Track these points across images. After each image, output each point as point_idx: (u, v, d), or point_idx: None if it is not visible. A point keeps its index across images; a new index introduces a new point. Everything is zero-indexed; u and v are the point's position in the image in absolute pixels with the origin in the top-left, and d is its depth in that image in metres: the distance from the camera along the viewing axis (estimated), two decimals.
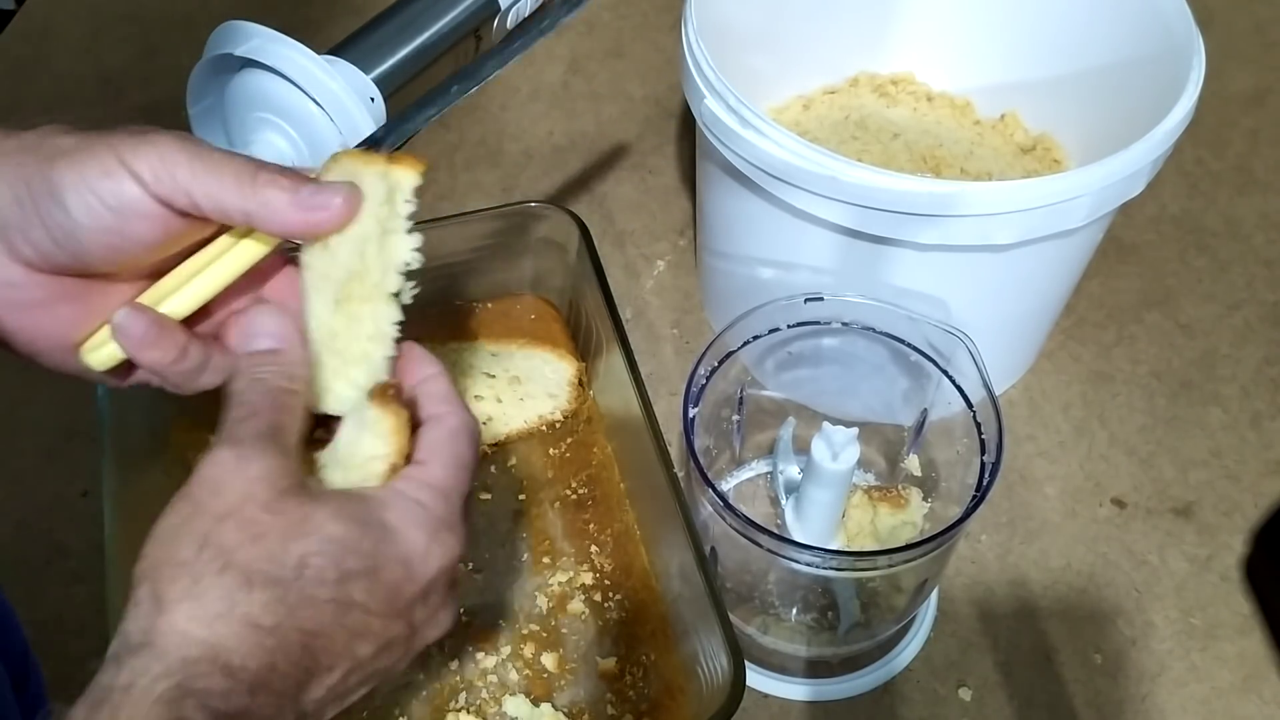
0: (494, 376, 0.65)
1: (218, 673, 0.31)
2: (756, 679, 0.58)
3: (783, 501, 0.58)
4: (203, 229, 0.38)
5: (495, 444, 0.65)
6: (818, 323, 0.57)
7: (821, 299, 0.56)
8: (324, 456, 0.38)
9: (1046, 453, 0.68)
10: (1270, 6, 0.96)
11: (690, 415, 0.52)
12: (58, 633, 0.59)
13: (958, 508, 0.53)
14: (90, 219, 0.35)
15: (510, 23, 0.88)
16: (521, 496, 0.63)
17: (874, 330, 0.57)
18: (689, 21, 0.60)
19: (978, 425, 0.53)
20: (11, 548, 0.62)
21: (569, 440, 0.65)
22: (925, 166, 0.73)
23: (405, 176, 0.38)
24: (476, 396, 0.65)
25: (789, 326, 0.57)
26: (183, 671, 0.30)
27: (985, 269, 0.59)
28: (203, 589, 0.32)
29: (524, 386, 0.65)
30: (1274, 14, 0.96)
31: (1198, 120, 0.59)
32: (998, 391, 0.53)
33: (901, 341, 0.56)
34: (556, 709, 0.54)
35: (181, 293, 0.39)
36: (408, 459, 0.38)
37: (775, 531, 0.50)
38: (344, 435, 0.38)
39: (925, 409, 0.58)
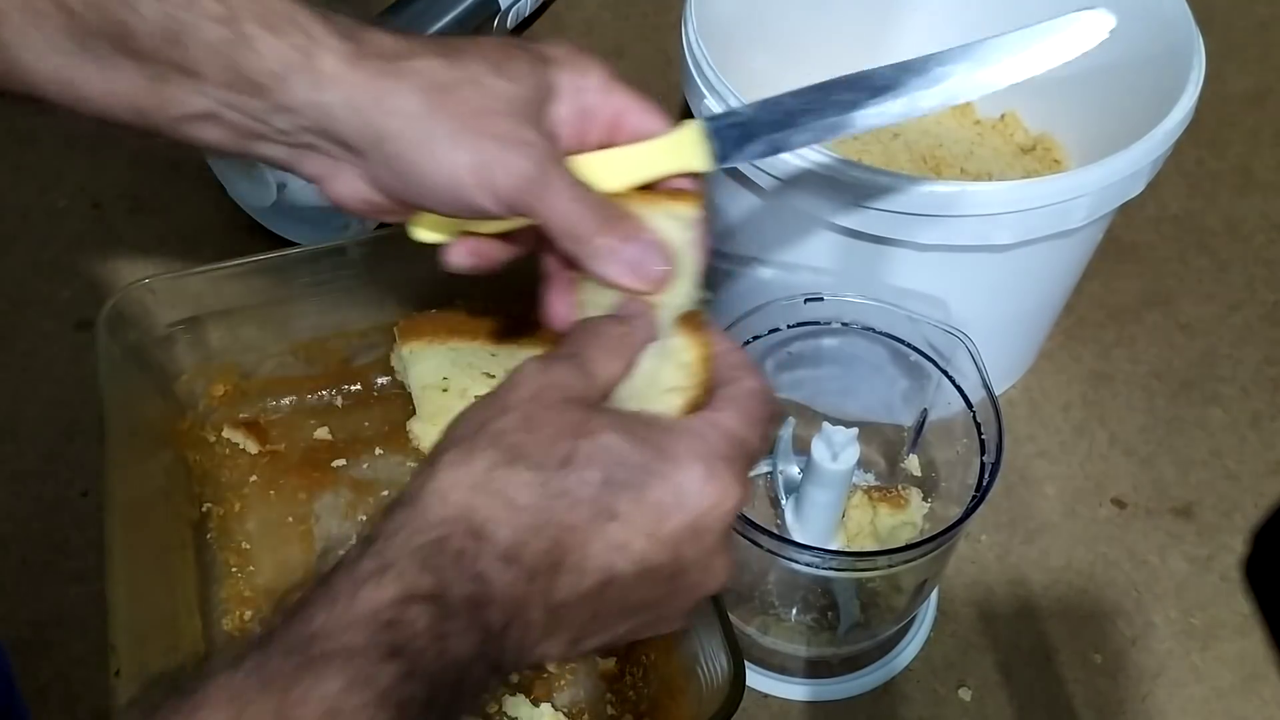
0: (494, 376, 0.65)
1: (467, 534, 0.32)
2: (756, 679, 0.58)
3: (783, 502, 0.58)
4: None
5: None
6: (817, 323, 0.57)
7: (821, 299, 0.56)
8: (620, 391, 0.38)
9: (1046, 453, 0.68)
10: (1270, 6, 0.96)
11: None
12: (58, 633, 0.59)
13: (958, 508, 0.53)
14: (441, 205, 0.40)
15: (510, 23, 0.88)
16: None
17: (874, 330, 0.57)
18: (689, 21, 0.60)
19: (977, 425, 0.53)
20: (11, 548, 0.62)
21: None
22: (925, 166, 0.73)
23: (689, 212, 0.41)
24: (476, 397, 0.65)
25: (789, 326, 0.57)
26: (439, 529, 0.32)
27: (985, 269, 0.59)
28: (470, 459, 0.33)
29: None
30: (1274, 14, 0.96)
31: (1198, 120, 0.59)
32: (997, 391, 0.53)
33: (901, 342, 0.56)
34: (556, 709, 0.54)
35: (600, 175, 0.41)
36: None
37: (775, 532, 0.50)
38: (643, 366, 0.38)
39: (925, 409, 0.58)
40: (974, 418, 0.53)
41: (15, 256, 0.77)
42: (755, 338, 0.56)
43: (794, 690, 0.58)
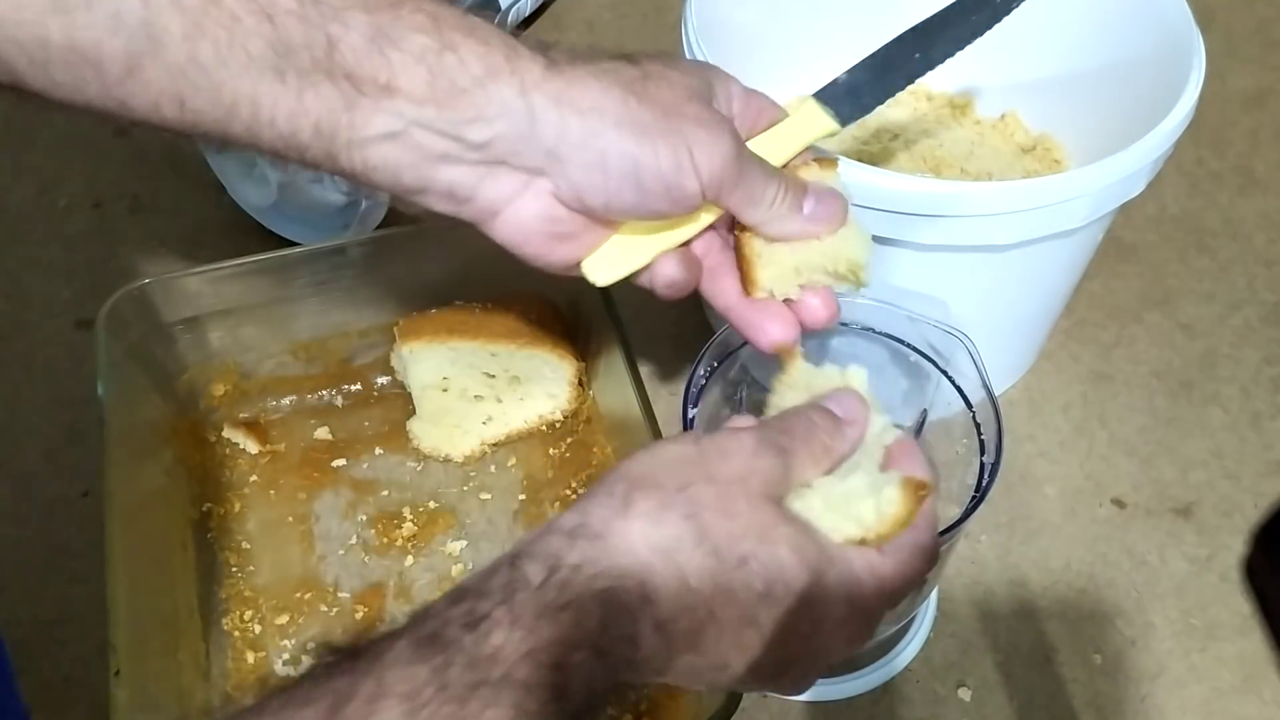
0: (494, 376, 0.65)
1: (640, 596, 0.33)
2: None
3: None
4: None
5: (495, 444, 0.65)
6: None
7: None
8: (819, 481, 0.39)
9: (1046, 453, 0.68)
10: (1270, 6, 0.96)
11: (690, 415, 0.52)
12: (58, 633, 0.59)
13: (958, 508, 0.52)
14: (643, 198, 0.41)
15: (510, 23, 0.88)
16: (521, 496, 0.63)
17: (873, 330, 0.56)
18: (689, 21, 0.60)
19: (977, 425, 0.52)
20: (11, 548, 0.62)
21: (569, 440, 0.65)
22: (925, 166, 0.73)
23: (836, 171, 0.47)
24: (476, 396, 0.65)
25: None
26: (617, 580, 0.33)
27: (985, 269, 0.59)
28: (664, 520, 0.35)
29: (524, 386, 0.65)
30: (1274, 14, 0.96)
31: (1198, 120, 0.59)
32: (997, 391, 0.53)
33: (901, 342, 0.56)
34: None
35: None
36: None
37: None
38: (853, 482, 0.39)
39: (925, 409, 0.58)
40: (974, 418, 0.53)
41: (15, 256, 0.77)
42: None
43: None
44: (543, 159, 0.40)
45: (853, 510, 0.38)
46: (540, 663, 0.31)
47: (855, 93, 0.49)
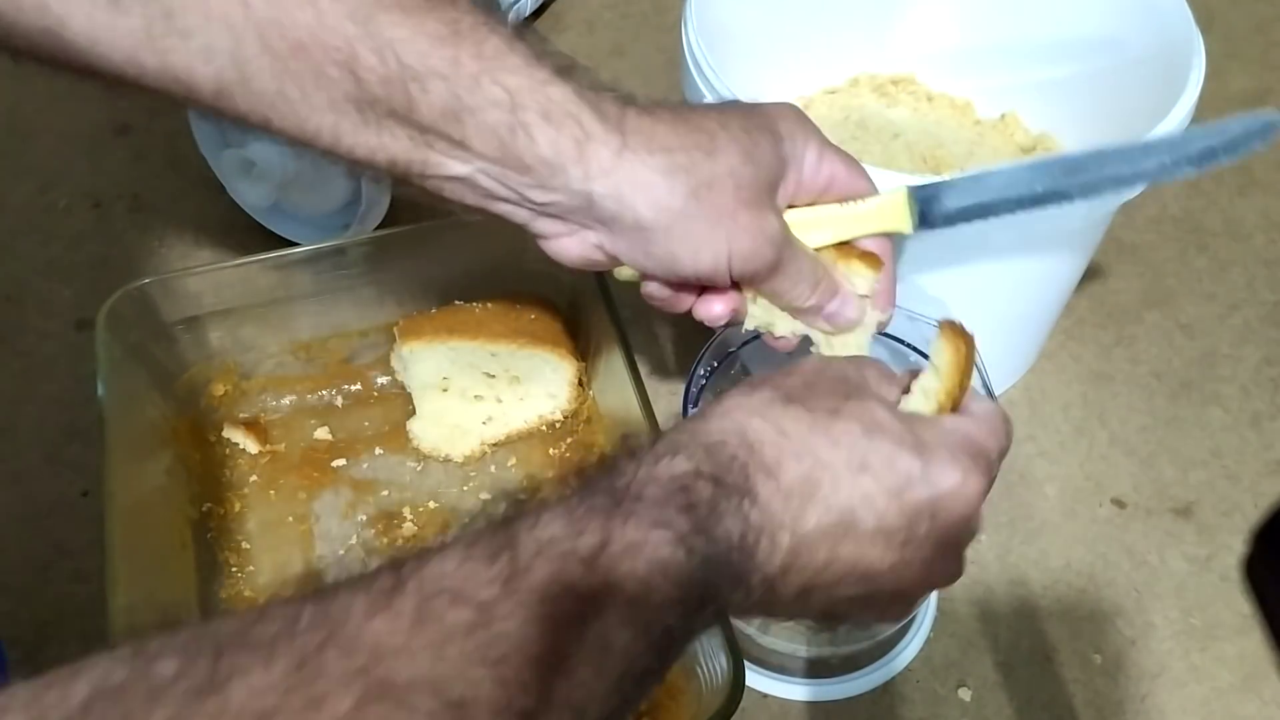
0: (494, 376, 0.65)
1: (743, 445, 0.36)
2: (756, 679, 0.58)
3: None
4: None
5: (495, 444, 0.65)
6: None
7: None
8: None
9: (1046, 453, 0.68)
10: (1270, 6, 0.96)
11: (690, 415, 0.52)
12: (58, 633, 0.59)
13: None
14: (679, 271, 0.45)
15: (510, 23, 0.88)
16: (521, 496, 0.63)
17: None
18: (689, 21, 0.60)
19: None
20: (11, 548, 0.62)
21: (569, 440, 0.65)
22: (925, 166, 0.73)
23: (872, 274, 0.48)
24: (476, 396, 0.65)
25: None
26: (719, 435, 0.37)
27: (985, 269, 0.59)
28: (752, 394, 0.38)
29: (524, 386, 0.65)
30: (1274, 14, 0.96)
31: (1198, 120, 0.58)
32: (997, 391, 0.53)
33: (901, 341, 0.56)
34: None
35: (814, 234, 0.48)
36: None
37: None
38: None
39: None
40: None
41: (15, 256, 0.77)
42: (755, 336, 0.56)
43: (793, 690, 0.58)
44: (594, 222, 0.44)
45: (916, 384, 0.42)
46: (668, 487, 0.34)
47: (951, 205, 0.49)
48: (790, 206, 0.48)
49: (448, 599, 0.30)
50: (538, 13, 0.94)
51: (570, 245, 0.46)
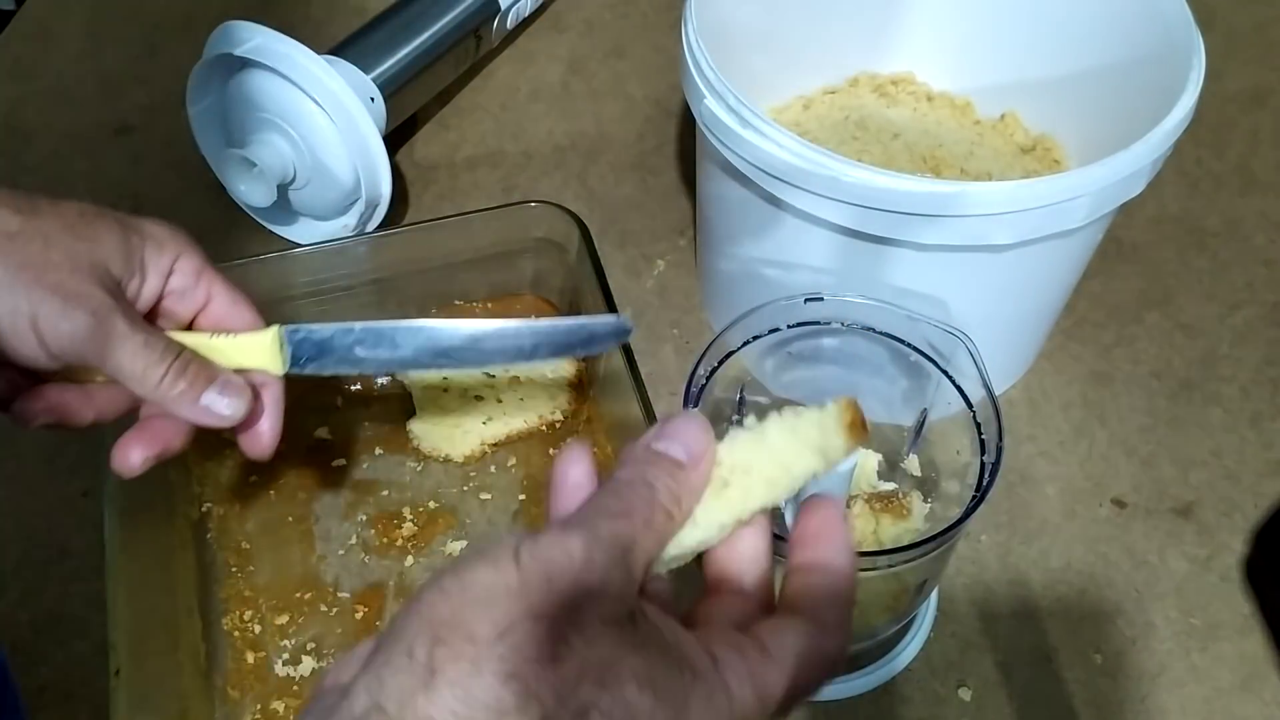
0: (494, 376, 0.65)
1: None
2: None
3: (781, 504, 0.58)
4: None
5: (495, 444, 0.65)
6: (818, 323, 0.57)
7: (821, 299, 0.56)
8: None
9: (1046, 453, 0.68)
10: (1270, 6, 0.96)
11: None
12: (58, 633, 0.59)
13: (958, 508, 0.52)
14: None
15: (510, 23, 0.88)
16: (521, 497, 0.63)
17: (874, 330, 0.56)
18: (689, 21, 0.60)
19: (978, 425, 0.52)
20: (11, 548, 0.62)
21: (570, 441, 0.65)
22: (925, 166, 0.73)
23: (848, 456, 0.35)
24: (476, 397, 0.65)
25: (789, 327, 0.57)
26: None
27: (985, 269, 0.59)
28: (476, 686, 0.28)
29: (524, 387, 0.65)
30: (1274, 14, 0.96)
31: (1198, 120, 0.59)
32: (997, 391, 0.53)
33: (901, 342, 0.56)
34: None
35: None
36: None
37: (775, 531, 0.49)
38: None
39: (925, 409, 0.58)
40: (974, 418, 0.53)
41: None
42: (755, 337, 0.56)
43: None
44: None
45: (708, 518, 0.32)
46: None
47: (322, 353, 0.49)
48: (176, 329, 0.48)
49: None
50: (538, 12, 0.94)
51: None
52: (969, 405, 0.53)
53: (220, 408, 0.44)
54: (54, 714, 0.57)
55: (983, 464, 0.51)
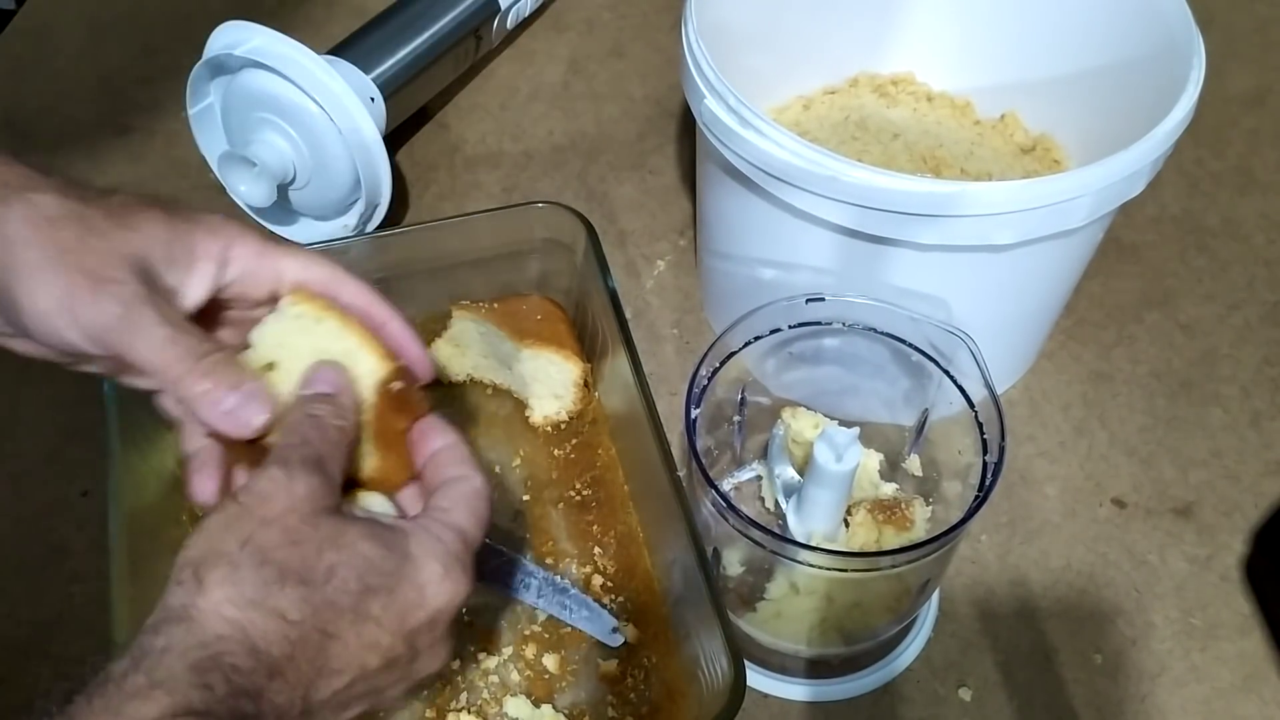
0: (509, 370, 0.65)
1: (244, 651, 0.34)
2: (757, 679, 0.58)
3: (783, 504, 0.58)
4: None
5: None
6: (819, 323, 0.57)
7: (823, 299, 0.56)
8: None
9: (1046, 453, 0.68)
10: (1270, 6, 0.96)
11: (693, 416, 0.52)
12: (58, 633, 0.59)
13: (959, 508, 0.53)
14: (38, 335, 0.41)
15: (510, 23, 0.88)
16: (525, 497, 0.63)
17: (875, 330, 0.57)
18: (689, 21, 0.60)
19: (979, 425, 0.53)
20: (11, 548, 0.62)
21: (574, 441, 0.65)
22: (925, 167, 0.73)
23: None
24: (493, 389, 0.65)
25: (790, 327, 0.57)
26: (215, 646, 0.34)
27: (985, 269, 0.59)
28: (241, 577, 0.35)
29: (529, 387, 0.65)
30: (1274, 14, 0.96)
31: (1198, 120, 0.59)
32: (998, 391, 0.53)
33: (903, 341, 0.56)
34: (557, 710, 0.54)
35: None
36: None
37: (777, 532, 0.50)
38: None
39: (926, 409, 0.58)
40: (976, 417, 0.53)
41: None
42: (756, 338, 0.56)
43: (794, 690, 0.58)
44: None
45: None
46: None
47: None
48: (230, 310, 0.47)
49: None
50: (538, 12, 0.94)
51: None
52: (971, 405, 0.54)
53: (244, 415, 0.41)
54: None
55: (985, 464, 0.51)
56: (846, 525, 0.57)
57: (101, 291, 0.40)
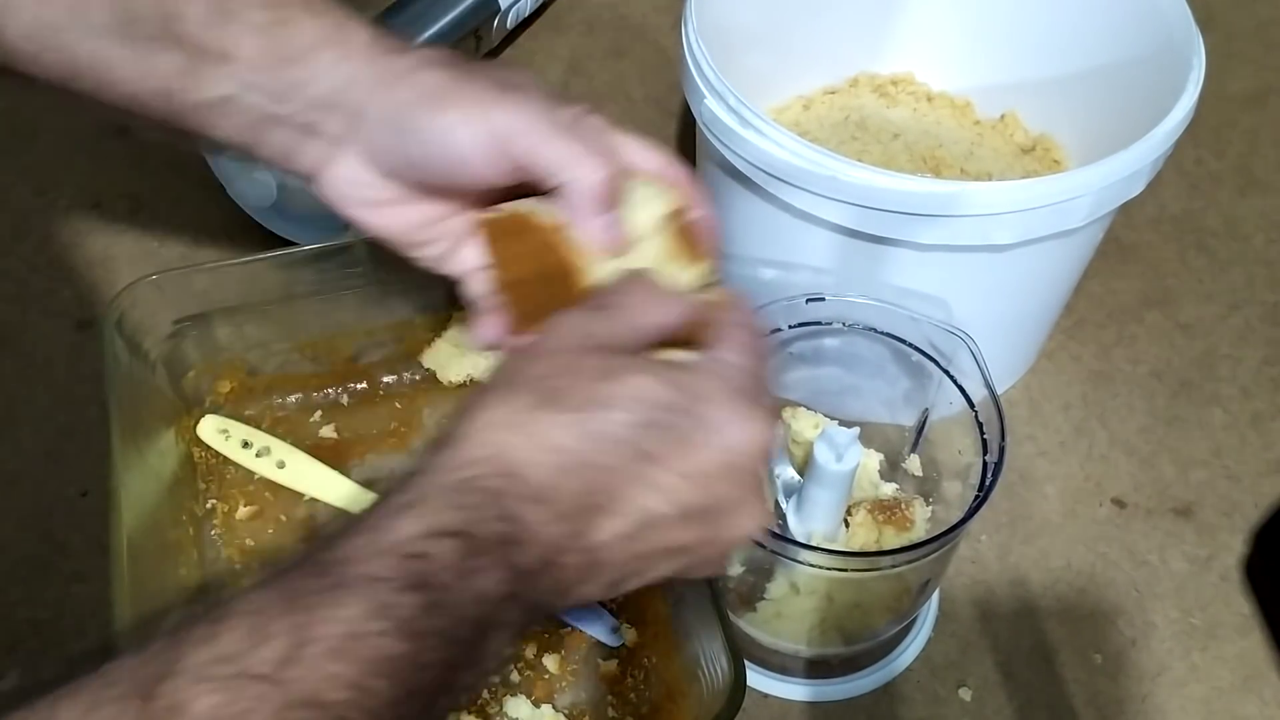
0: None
1: (501, 474, 0.32)
2: (757, 679, 0.58)
3: (783, 504, 0.58)
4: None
5: None
6: (819, 323, 0.57)
7: (823, 299, 0.56)
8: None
9: (1046, 453, 0.68)
10: (1270, 6, 0.96)
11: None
12: (58, 633, 0.59)
13: (959, 508, 0.53)
14: (444, 163, 0.40)
15: (510, 23, 0.88)
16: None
17: (875, 330, 0.57)
18: (689, 21, 0.60)
19: (979, 425, 0.53)
20: (11, 548, 0.62)
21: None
22: (925, 167, 0.73)
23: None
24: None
25: (790, 327, 0.57)
26: (472, 468, 0.32)
27: (985, 269, 0.59)
28: (507, 400, 0.34)
29: None
30: (1274, 14, 0.96)
31: (1198, 120, 0.59)
32: (998, 391, 0.53)
33: (903, 341, 0.56)
34: (557, 710, 0.54)
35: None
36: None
37: (777, 531, 0.50)
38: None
39: (926, 409, 0.58)
40: (976, 417, 0.53)
41: (15, 256, 0.77)
42: None
43: (794, 690, 0.58)
44: (349, 123, 0.41)
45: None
46: (394, 558, 0.30)
47: None
48: None
49: None
50: (538, 12, 0.94)
51: (338, 169, 0.42)
52: (971, 405, 0.54)
53: (611, 236, 0.41)
54: None
55: (985, 464, 0.51)
56: (846, 525, 0.57)
57: (521, 97, 0.40)
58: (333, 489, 0.62)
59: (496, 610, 0.31)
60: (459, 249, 0.45)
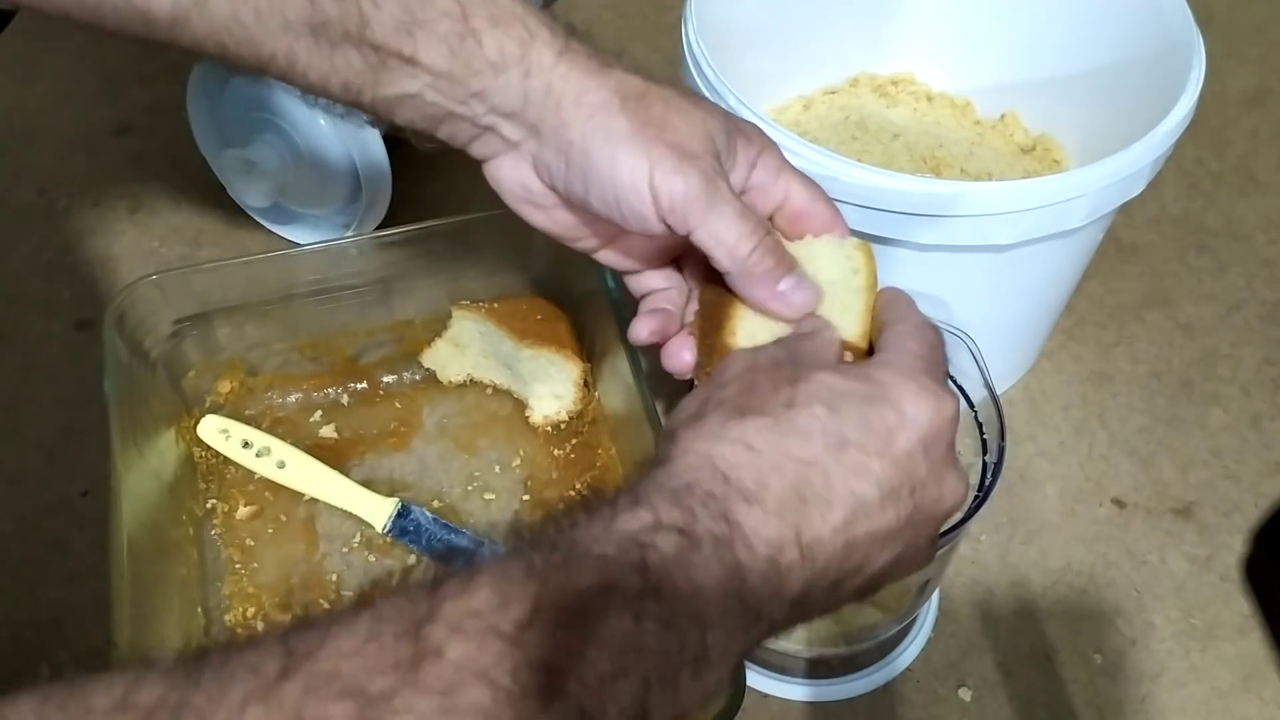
0: (510, 370, 0.65)
1: (713, 478, 0.34)
2: (757, 679, 0.58)
3: None
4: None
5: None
6: None
7: None
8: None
9: (1046, 453, 0.68)
10: (1270, 6, 0.96)
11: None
12: (58, 633, 0.59)
13: (960, 509, 0.52)
14: (602, 204, 0.42)
15: None
16: (525, 497, 0.63)
17: None
18: (689, 21, 0.60)
19: (979, 425, 0.52)
20: (11, 548, 0.62)
21: (574, 441, 0.65)
22: (925, 167, 0.73)
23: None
24: (494, 389, 0.65)
25: None
26: (687, 475, 0.35)
27: (985, 269, 0.59)
28: (702, 421, 0.36)
29: (529, 387, 0.65)
30: (1274, 14, 0.96)
31: (1198, 120, 0.59)
32: (998, 391, 0.53)
33: None
34: None
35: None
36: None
37: None
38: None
39: None
40: (975, 417, 0.53)
41: (15, 256, 0.77)
42: None
43: (794, 690, 0.58)
44: (524, 134, 0.43)
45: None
46: (622, 543, 0.32)
47: (416, 536, 0.61)
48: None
49: (336, 690, 0.28)
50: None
51: (507, 168, 0.45)
52: (971, 405, 0.53)
53: (794, 297, 0.43)
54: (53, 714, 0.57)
55: (985, 464, 0.51)
56: None
57: (685, 163, 0.41)
58: (333, 489, 0.62)
59: (715, 608, 0.33)
60: (646, 274, 0.49)
